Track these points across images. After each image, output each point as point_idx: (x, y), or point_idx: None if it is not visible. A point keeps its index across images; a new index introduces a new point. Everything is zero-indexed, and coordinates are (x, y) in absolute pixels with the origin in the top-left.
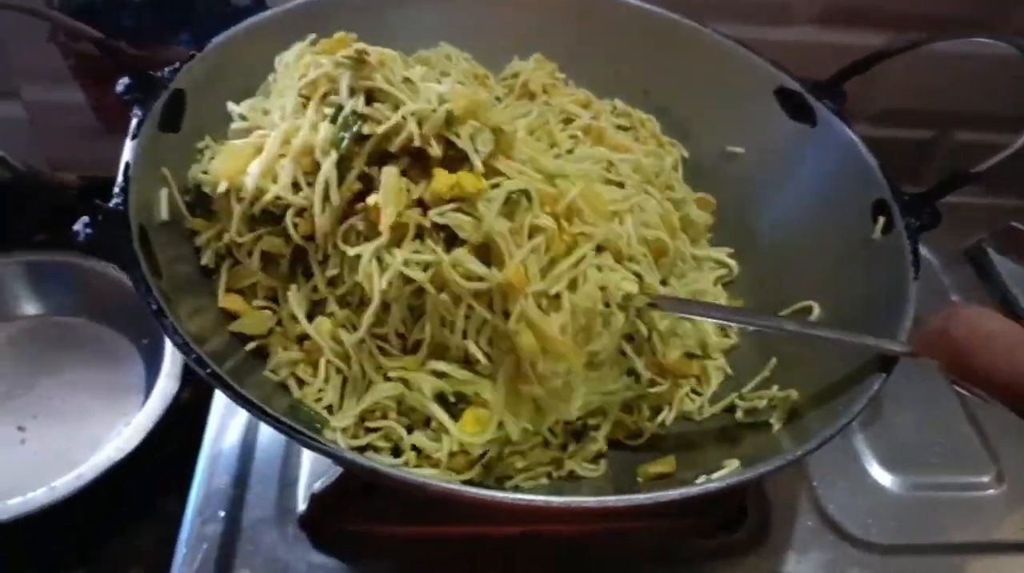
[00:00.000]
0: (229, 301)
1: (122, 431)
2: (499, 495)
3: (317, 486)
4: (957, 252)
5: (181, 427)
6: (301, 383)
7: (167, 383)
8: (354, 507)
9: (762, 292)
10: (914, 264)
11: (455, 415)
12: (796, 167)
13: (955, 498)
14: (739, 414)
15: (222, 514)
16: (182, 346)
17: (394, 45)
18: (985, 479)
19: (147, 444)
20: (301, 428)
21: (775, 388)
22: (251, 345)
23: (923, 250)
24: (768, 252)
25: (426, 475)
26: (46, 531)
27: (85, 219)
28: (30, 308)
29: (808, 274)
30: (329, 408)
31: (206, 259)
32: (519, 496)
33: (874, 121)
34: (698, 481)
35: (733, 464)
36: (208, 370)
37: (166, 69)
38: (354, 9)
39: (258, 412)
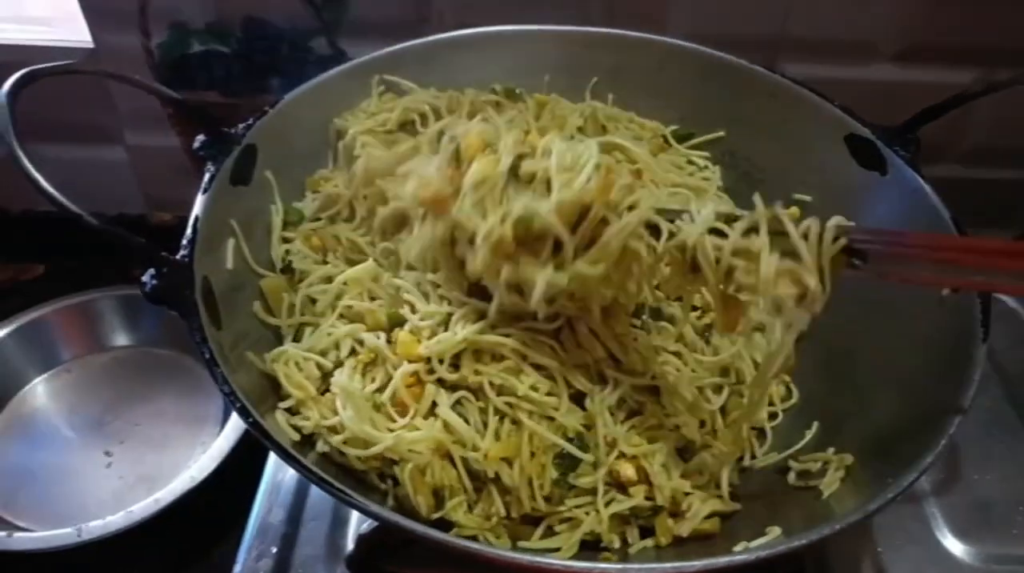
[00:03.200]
0: None
1: (199, 459)
2: (536, 559)
3: (364, 528)
4: None
5: (254, 456)
6: None
7: None
8: (400, 551)
9: (826, 344)
10: (984, 324)
11: None
12: (865, 217)
13: None
14: (791, 477)
15: (274, 550)
16: (229, 395)
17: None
18: None
19: (221, 471)
20: (333, 481)
21: (831, 450)
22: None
23: (1010, 301)
24: (833, 304)
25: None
26: (124, 553)
27: (151, 271)
28: (123, 339)
29: (874, 330)
30: None
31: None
32: (557, 561)
33: (963, 160)
34: (736, 549)
35: (775, 532)
36: (251, 420)
37: (239, 126)
38: (413, 60)
39: (293, 462)
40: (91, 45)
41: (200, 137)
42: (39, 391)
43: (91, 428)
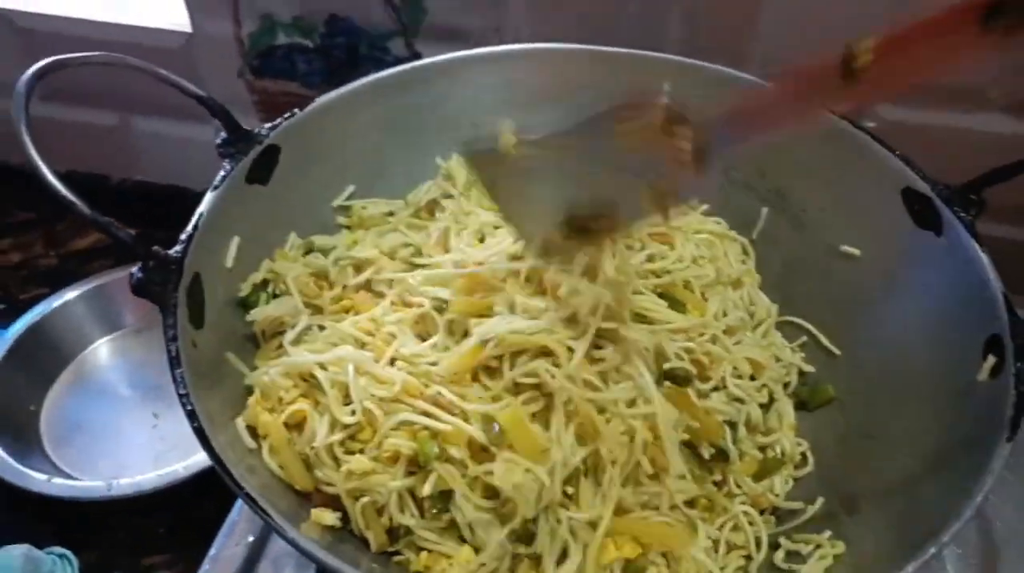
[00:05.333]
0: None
1: None
2: None
3: None
4: None
5: None
6: None
7: None
8: None
9: (848, 403)
10: (1012, 421)
11: None
12: (913, 281)
13: None
14: (780, 555)
15: (251, 539)
16: (182, 397)
17: (483, 106)
18: None
19: None
20: (268, 509)
21: (827, 533)
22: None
23: None
24: (862, 363)
25: None
26: (150, 514)
27: (139, 264)
28: None
29: (899, 399)
30: None
31: None
32: None
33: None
34: None
35: None
36: (196, 425)
37: (266, 126)
38: (445, 74)
39: (228, 477)
40: (189, 30)
41: (222, 135)
42: (103, 351)
43: (145, 390)
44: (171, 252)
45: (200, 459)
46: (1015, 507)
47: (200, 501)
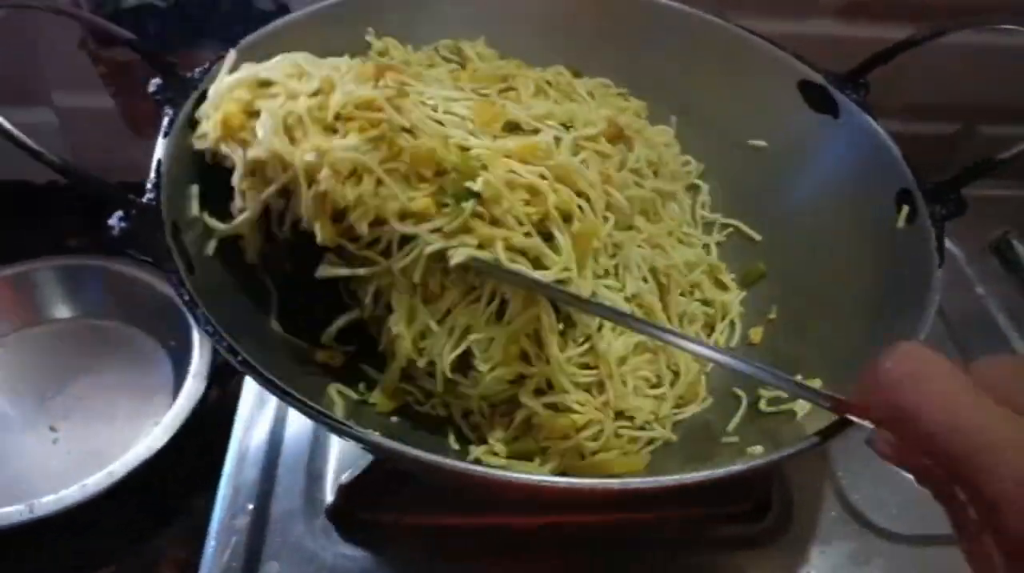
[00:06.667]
0: None
1: (152, 430)
2: (523, 477)
3: (345, 477)
4: (983, 245)
5: (209, 426)
6: None
7: (194, 384)
8: (381, 498)
9: (787, 279)
10: (939, 251)
11: None
12: (820, 159)
13: None
14: (763, 404)
15: (251, 507)
16: (213, 334)
17: (417, 38)
18: None
19: (176, 442)
20: (326, 411)
21: (799, 377)
22: None
23: (948, 243)
24: (792, 242)
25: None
26: (79, 528)
27: (119, 213)
28: (63, 311)
29: (833, 263)
30: None
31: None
32: (546, 478)
33: (899, 116)
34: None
35: (757, 450)
36: (239, 358)
37: (196, 70)
38: (379, 8)
39: (287, 397)
40: None
41: (156, 80)
42: None
43: (33, 404)
44: (145, 199)
45: (127, 460)
46: None
47: (130, 505)
